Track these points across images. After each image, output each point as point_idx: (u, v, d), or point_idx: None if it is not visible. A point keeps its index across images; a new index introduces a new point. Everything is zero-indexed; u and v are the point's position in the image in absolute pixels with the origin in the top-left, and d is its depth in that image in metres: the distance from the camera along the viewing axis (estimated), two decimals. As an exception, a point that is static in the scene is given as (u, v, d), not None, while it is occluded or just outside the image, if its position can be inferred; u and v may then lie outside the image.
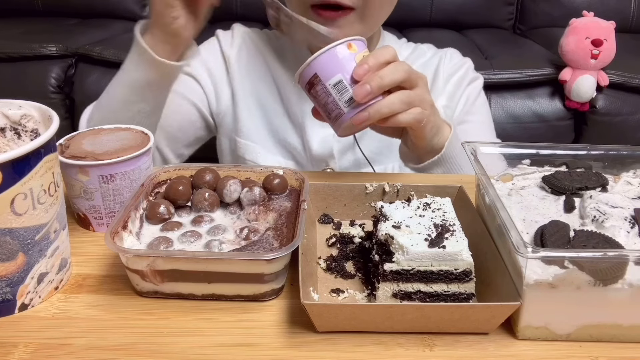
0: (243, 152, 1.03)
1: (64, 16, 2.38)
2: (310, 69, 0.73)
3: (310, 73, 0.73)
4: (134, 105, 0.87)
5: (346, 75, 0.72)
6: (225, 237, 0.59)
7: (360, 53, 0.73)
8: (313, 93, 0.75)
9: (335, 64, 0.72)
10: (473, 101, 1.04)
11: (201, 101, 1.03)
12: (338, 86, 0.72)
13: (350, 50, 0.73)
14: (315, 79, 0.73)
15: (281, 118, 1.02)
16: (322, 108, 0.76)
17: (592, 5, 2.23)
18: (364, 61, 0.72)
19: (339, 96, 0.73)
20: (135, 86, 0.87)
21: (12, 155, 0.48)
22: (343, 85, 0.72)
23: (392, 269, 0.53)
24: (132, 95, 0.87)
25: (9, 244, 0.51)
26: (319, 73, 0.72)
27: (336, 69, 0.72)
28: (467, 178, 0.78)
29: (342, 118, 0.74)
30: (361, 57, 0.73)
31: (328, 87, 0.72)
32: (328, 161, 1.01)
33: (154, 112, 0.91)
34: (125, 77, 0.88)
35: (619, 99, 1.89)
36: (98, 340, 0.51)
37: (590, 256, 0.48)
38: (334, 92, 0.73)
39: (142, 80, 0.86)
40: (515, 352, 0.51)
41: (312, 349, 0.50)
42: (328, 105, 0.74)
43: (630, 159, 0.66)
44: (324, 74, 0.72)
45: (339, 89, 0.72)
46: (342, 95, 0.72)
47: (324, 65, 0.72)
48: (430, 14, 2.41)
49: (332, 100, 0.73)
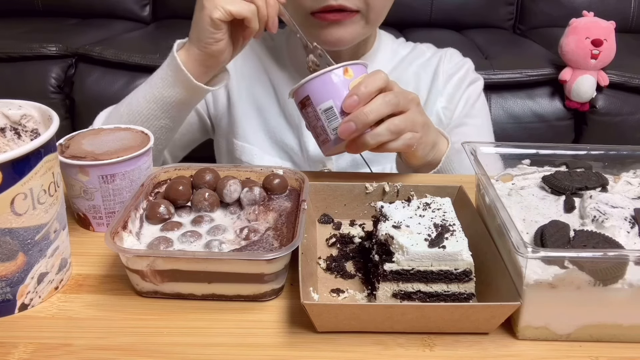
0: (239, 153, 1.02)
1: (64, 16, 2.38)
2: (303, 90, 0.72)
3: (303, 94, 0.73)
4: (159, 120, 0.87)
5: (337, 103, 0.71)
6: (225, 237, 0.59)
7: (356, 79, 0.71)
8: (304, 113, 0.74)
9: (328, 90, 0.71)
10: (472, 103, 1.03)
11: (200, 104, 1.03)
12: (328, 112, 0.71)
13: (346, 76, 0.71)
14: (307, 101, 0.72)
15: (278, 119, 1.02)
16: (311, 129, 0.75)
17: (592, 5, 2.23)
18: (354, 91, 0.70)
19: (327, 122, 0.72)
20: (164, 103, 0.86)
21: (12, 155, 0.48)
22: (333, 112, 0.71)
23: (392, 269, 0.53)
24: (159, 111, 0.87)
25: (9, 244, 0.51)
26: (311, 96, 0.72)
27: (328, 95, 0.71)
28: (467, 178, 0.78)
29: (328, 144, 0.74)
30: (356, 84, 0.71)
31: (318, 112, 0.72)
32: (325, 162, 1.01)
33: (175, 128, 0.92)
34: (154, 93, 0.86)
35: (619, 99, 1.89)
36: (98, 340, 0.51)
37: (590, 256, 0.48)
38: (323, 118, 0.72)
39: (172, 99, 0.86)
40: (515, 352, 0.51)
41: (312, 349, 0.50)
42: (317, 129, 0.74)
43: (630, 159, 0.66)
44: (316, 98, 0.72)
45: (328, 115, 0.71)
46: (330, 122, 0.72)
47: (317, 89, 0.71)
48: (430, 14, 2.41)
49: (321, 125, 0.72)
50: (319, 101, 0.71)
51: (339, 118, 0.71)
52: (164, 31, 2.22)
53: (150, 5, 2.48)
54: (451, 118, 1.02)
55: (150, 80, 0.87)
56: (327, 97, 0.71)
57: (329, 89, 0.71)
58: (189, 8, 0.84)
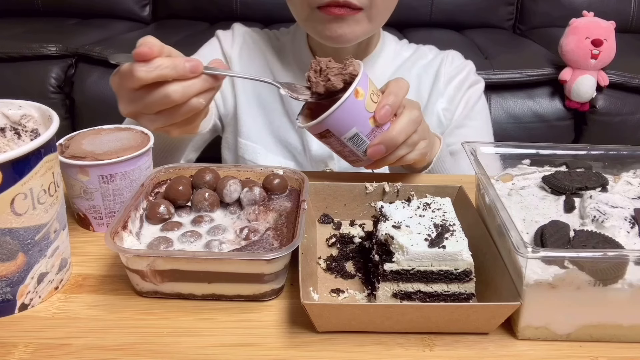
0: (243, 152, 1.03)
1: (64, 16, 2.38)
2: (321, 126, 0.69)
3: (321, 129, 0.70)
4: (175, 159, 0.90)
5: (360, 128, 0.69)
6: (225, 237, 0.59)
7: (367, 95, 0.69)
8: (326, 142, 0.72)
9: (347, 119, 0.69)
10: (472, 106, 1.03)
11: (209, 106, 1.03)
12: (354, 139, 0.70)
13: (358, 99, 0.68)
14: (328, 133, 0.70)
15: (282, 118, 1.03)
16: (337, 153, 0.75)
17: (592, 5, 2.23)
18: (385, 102, 0.69)
19: (355, 147, 0.71)
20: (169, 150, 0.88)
21: (12, 155, 0.48)
22: (359, 138, 0.70)
23: (392, 269, 0.53)
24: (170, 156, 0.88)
25: (9, 244, 0.51)
26: (332, 129, 0.69)
27: (350, 124, 0.69)
28: (467, 178, 0.78)
29: (359, 163, 0.75)
30: (369, 101, 0.69)
31: (343, 140, 0.70)
32: (327, 162, 1.01)
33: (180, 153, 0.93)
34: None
35: (619, 99, 1.89)
36: (98, 340, 0.51)
37: (590, 256, 0.48)
38: (350, 144, 0.71)
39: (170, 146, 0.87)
40: (515, 352, 0.51)
41: (312, 349, 0.50)
42: (344, 153, 0.73)
43: (630, 159, 0.66)
44: (338, 130, 0.69)
45: (355, 142, 0.71)
46: (359, 147, 0.71)
47: (336, 122, 0.69)
48: (430, 14, 2.41)
49: (349, 150, 0.72)
50: (342, 132, 0.69)
51: (366, 141, 0.71)
52: (164, 31, 2.22)
53: (150, 5, 2.48)
54: (451, 119, 1.02)
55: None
56: (349, 126, 0.69)
57: (348, 118, 0.69)
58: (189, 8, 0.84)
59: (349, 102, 0.68)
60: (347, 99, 0.67)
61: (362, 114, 0.69)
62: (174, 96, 0.62)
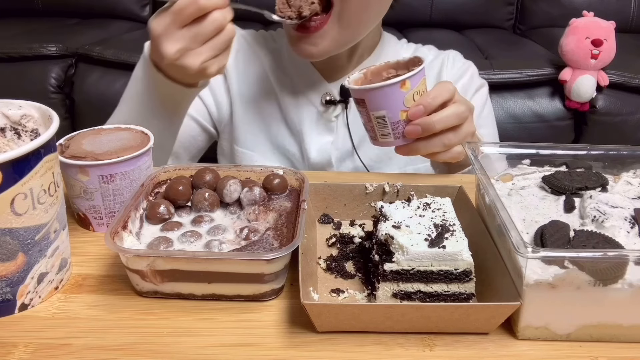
0: (239, 160, 1.02)
1: (64, 16, 2.38)
2: (360, 92, 0.76)
3: (359, 95, 0.77)
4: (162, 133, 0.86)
5: (389, 115, 0.75)
6: (225, 237, 0.59)
7: (412, 90, 0.75)
8: (358, 108, 0.79)
9: (383, 100, 0.75)
10: (479, 113, 1.01)
11: (201, 114, 1.02)
12: (380, 120, 0.76)
13: (402, 89, 0.74)
14: (362, 102, 0.77)
15: (279, 125, 1.01)
16: (362, 121, 0.80)
17: (592, 5, 2.23)
18: (421, 101, 0.74)
19: (378, 127, 0.77)
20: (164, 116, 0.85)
21: (12, 155, 0.48)
22: (384, 121, 0.76)
23: (392, 269, 0.53)
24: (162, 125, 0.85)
25: (9, 244, 0.51)
26: (367, 102, 0.76)
27: (383, 105, 0.75)
28: (467, 178, 0.78)
29: (375, 142, 0.80)
30: (410, 97, 0.75)
31: (371, 115, 0.77)
32: (326, 169, 1.00)
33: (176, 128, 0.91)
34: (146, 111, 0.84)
35: (619, 99, 1.89)
36: (98, 340, 0.51)
37: (590, 256, 0.48)
38: (374, 122, 0.77)
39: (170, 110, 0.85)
40: (515, 352, 0.51)
41: (312, 349, 0.50)
42: (367, 125, 0.79)
43: (630, 159, 0.66)
44: (371, 105, 0.76)
45: (379, 122, 0.77)
46: (380, 128, 0.77)
47: (374, 98, 0.75)
48: (430, 14, 2.41)
49: (372, 126, 0.78)
50: (374, 108, 0.76)
51: (389, 127, 0.76)
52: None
53: (150, 5, 2.48)
54: None
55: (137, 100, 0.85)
56: (381, 107, 0.76)
57: (384, 100, 0.75)
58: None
59: (393, 88, 0.74)
60: (393, 84, 0.74)
61: (398, 103, 0.75)
62: (221, 21, 0.72)
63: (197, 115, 1.01)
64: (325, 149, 0.99)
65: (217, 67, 0.76)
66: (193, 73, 0.75)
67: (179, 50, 0.72)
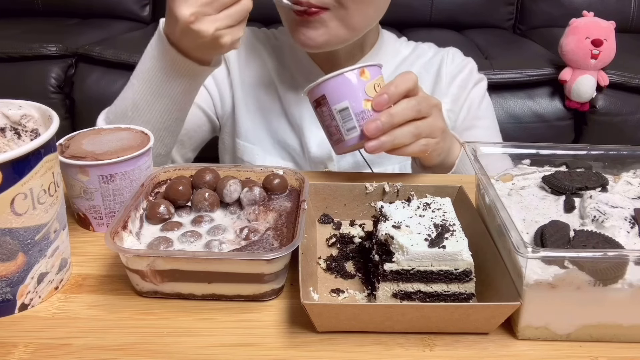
0: (241, 153, 1.03)
1: (64, 16, 2.38)
2: (319, 89, 0.74)
3: (319, 93, 0.74)
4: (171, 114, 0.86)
5: (352, 104, 0.73)
6: (225, 237, 0.59)
7: (372, 81, 0.73)
8: (319, 112, 0.76)
9: (344, 90, 0.73)
10: (478, 105, 1.02)
11: (207, 104, 1.03)
12: (343, 113, 0.73)
13: (362, 78, 0.73)
14: (323, 100, 0.74)
15: (280, 119, 1.02)
16: (325, 128, 0.77)
17: (592, 5, 2.23)
18: (384, 90, 0.72)
19: (342, 122, 0.74)
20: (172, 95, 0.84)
21: (12, 155, 0.48)
22: (348, 113, 0.73)
23: (392, 269, 0.53)
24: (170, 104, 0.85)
25: (9, 244, 0.51)
26: (327, 95, 0.74)
27: (344, 95, 0.73)
28: (467, 178, 0.78)
29: (341, 144, 0.76)
30: (371, 86, 0.73)
31: (333, 112, 0.74)
32: (327, 163, 1.00)
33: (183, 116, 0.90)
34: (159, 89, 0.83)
35: (619, 99, 1.89)
36: (98, 340, 0.51)
37: (590, 256, 0.48)
38: (337, 118, 0.74)
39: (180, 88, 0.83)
40: (515, 352, 0.51)
41: (312, 349, 0.50)
42: (331, 128, 0.76)
43: (630, 159, 0.66)
44: (332, 98, 0.73)
45: (343, 116, 0.74)
46: (345, 123, 0.74)
47: (333, 89, 0.73)
48: (430, 14, 2.41)
49: (335, 125, 0.75)
50: (335, 101, 0.73)
51: (353, 119, 0.73)
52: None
53: (150, 5, 2.48)
54: (455, 120, 1.02)
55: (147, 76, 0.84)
56: (343, 98, 0.73)
57: (345, 89, 0.73)
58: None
59: (352, 75, 0.72)
60: (352, 70, 0.72)
61: (360, 92, 0.73)
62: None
63: (203, 105, 1.02)
64: (326, 143, 0.99)
65: (230, 38, 0.75)
66: (207, 40, 0.74)
67: (193, 13, 0.72)
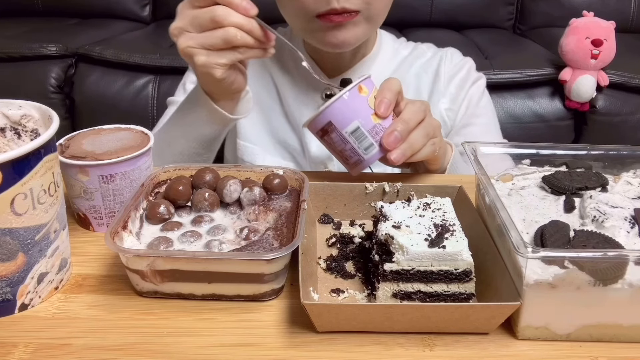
0: (242, 153, 1.03)
1: (64, 16, 2.38)
2: (324, 117, 0.71)
3: (323, 121, 0.72)
4: (201, 156, 0.89)
5: (362, 122, 0.71)
6: (225, 237, 0.59)
7: (371, 94, 0.72)
8: (327, 140, 0.74)
9: (350, 111, 0.71)
10: (477, 102, 1.03)
11: None
12: (355, 134, 0.71)
13: (362, 94, 0.71)
14: (330, 127, 0.72)
15: (280, 119, 1.02)
16: (337, 154, 0.75)
17: (592, 5, 2.23)
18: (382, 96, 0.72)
19: (357, 143, 0.72)
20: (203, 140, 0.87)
21: (12, 155, 0.48)
22: (361, 132, 0.71)
23: (392, 269, 0.53)
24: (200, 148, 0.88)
25: (9, 244, 0.51)
26: (334, 121, 0.71)
27: (352, 117, 0.71)
28: (467, 178, 0.78)
29: (361, 164, 0.74)
30: (372, 99, 0.72)
31: (345, 135, 0.72)
32: (327, 163, 1.01)
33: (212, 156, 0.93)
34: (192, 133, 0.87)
35: (619, 99, 1.89)
36: (98, 340, 0.51)
37: (590, 256, 0.48)
38: (351, 140, 0.72)
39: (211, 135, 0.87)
40: (515, 352, 0.51)
41: (312, 349, 0.50)
42: (345, 152, 0.73)
43: (630, 159, 0.66)
44: (340, 122, 0.71)
45: (356, 137, 0.72)
46: (360, 143, 0.72)
47: (339, 113, 0.71)
48: (430, 14, 2.41)
49: (350, 147, 0.72)
50: (344, 125, 0.71)
51: (368, 137, 0.71)
52: (164, 31, 2.20)
53: (150, 5, 2.48)
54: (454, 119, 1.02)
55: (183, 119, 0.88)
56: (351, 119, 0.71)
57: (351, 110, 0.71)
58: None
59: (352, 94, 0.71)
60: (350, 91, 0.71)
61: (365, 108, 0.71)
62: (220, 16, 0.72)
63: None
64: None
65: (205, 60, 0.75)
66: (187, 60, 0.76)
67: (177, 27, 0.75)
